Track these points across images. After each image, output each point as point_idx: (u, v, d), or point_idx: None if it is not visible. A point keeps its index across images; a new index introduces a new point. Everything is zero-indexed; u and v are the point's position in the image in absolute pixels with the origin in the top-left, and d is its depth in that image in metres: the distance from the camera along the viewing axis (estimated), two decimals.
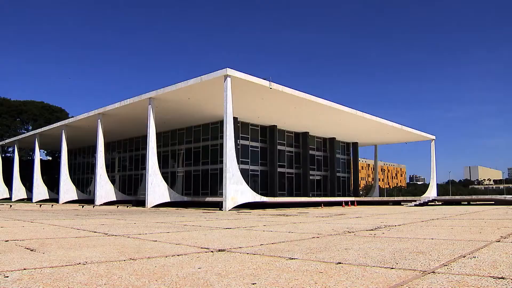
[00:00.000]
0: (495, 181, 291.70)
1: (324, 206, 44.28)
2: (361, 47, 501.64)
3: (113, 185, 52.65)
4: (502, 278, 4.76)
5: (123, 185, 65.00)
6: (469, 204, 48.01)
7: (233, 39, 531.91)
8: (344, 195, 65.68)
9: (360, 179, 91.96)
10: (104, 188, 48.54)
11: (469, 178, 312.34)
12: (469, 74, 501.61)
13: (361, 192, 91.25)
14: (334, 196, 61.79)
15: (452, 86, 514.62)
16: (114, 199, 49.33)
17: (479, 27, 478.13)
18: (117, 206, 42.46)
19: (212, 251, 7.51)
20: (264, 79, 36.33)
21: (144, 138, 47.17)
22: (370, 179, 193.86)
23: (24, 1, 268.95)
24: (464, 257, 6.45)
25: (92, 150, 69.07)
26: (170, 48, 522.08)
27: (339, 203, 48.75)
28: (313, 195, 60.13)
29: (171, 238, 10.18)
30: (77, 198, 56.76)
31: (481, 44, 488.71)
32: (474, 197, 61.01)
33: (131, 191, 62.79)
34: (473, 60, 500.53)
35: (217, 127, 49.08)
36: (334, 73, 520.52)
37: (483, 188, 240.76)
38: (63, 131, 56.96)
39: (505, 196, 56.57)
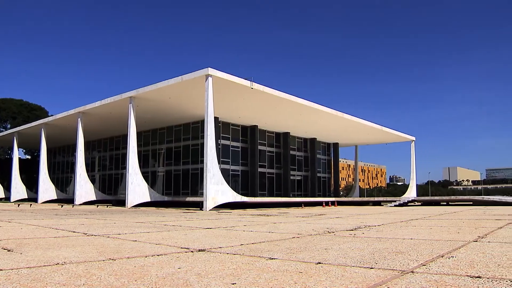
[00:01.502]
0: (474, 182, 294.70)
1: (304, 206, 44.40)
2: (343, 47, 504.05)
3: (93, 184, 52.29)
4: (479, 277, 4.81)
5: (103, 185, 64.53)
6: (448, 204, 48.45)
7: (216, 39, 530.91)
8: (324, 196, 65.92)
9: (340, 179, 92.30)
10: (84, 187, 48.18)
11: (448, 179, 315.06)
12: (450, 75, 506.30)
13: (341, 193, 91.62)
14: (314, 196, 61.98)
15: (432, 87, 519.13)
16: (94, 198, 48.99)
17: (459, 28, 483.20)
18: (97, 206, 42.16)
19: (192, 251, 7.48)
20: (246, 79, 36.36)
21: (124, 137, 46.90)
22: (350, 180, 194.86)
23: None
24: (442, 257, 6.51)
25: (72, 149, 68.47)
26: (152, 47, 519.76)
27: (319, 203, 48.91)
28: (294, 195, 60.26)
29: (151, 238, 10.13)
30: (56, 198, 56.24)
31: (462, 46, 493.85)
32: (453, 197, 61.56)
33: (111, 190, 62.36)
34: (454, 62, 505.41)
35: (198, 126, 48.96)
36: (316, 73, 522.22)
37: (461, 189, 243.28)
38: (42, 129, 56.45)
39: (483, 196, 57.16)
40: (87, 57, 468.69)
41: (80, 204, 46.19)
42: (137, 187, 40.29)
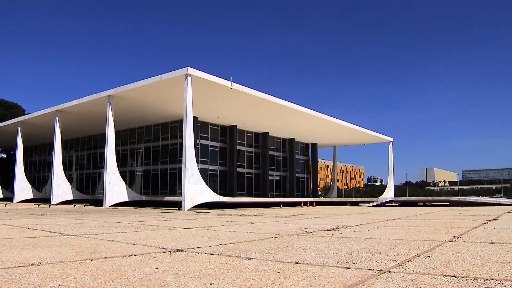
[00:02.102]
0: (450, 183, 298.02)
1: (283, 206, 44.49)
2: (324, 48, 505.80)
3: (70, 184, 51.80)
4: (454, 276, 4.86)
5: (81, 184, 63.91)
6: (425, 205, 48.88)
7: (196, 39, 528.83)
8: (303, 196, 66.07)
9: (319, 179, 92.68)
10: (61, 187, 47.72)
11: (425, 180, 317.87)
12: (427, 77, 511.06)
13: (320, 193, 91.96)
14: (293, 196, 62.12)
15: (409, 89, 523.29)
16: (71, 198, 48.55)
17: (439, 29, 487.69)
18: (74, 205, 41.78)
19: (170, 251, 7.46)
20: (225, 79, 36.33)
21: (102, 136, 46.54)
22: (329, 180, 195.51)
23: None
24: (418, 256, 6.57)
25: (49, 148, 67.64)
26: (132, 46, 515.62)
27: (298, 204, 49.04)
28: (272, 196, 60.32)
29: (128, 238, 10.08)
30: (32, 197, 55.65)
31: (441, 47, 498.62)
32: (430, 198, 62.13)
33: (88, 190, 61.80)
34: (431, 64, 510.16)
35: (176, 126, 48.78)
36: (296, 73, 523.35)
37: (438, 190, 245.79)
38: (19, 128, 55.76)
39: (459, 197, 57.76)
40: (65, 56, 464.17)
41: (57, 204, 45.74)
42: (115, 187, 40.02)
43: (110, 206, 38.71)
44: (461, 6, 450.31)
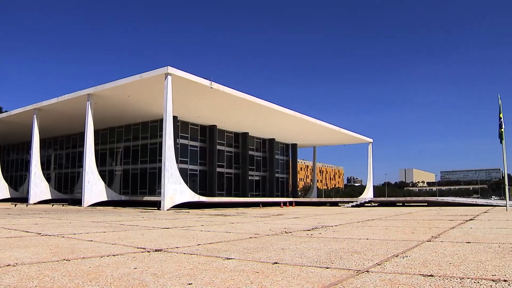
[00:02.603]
0: (429, 184, 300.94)
1: (262, 206, 44.54)
2: (305, 47, 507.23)
3: (49, 183, 51.31)
4: (431, 276, 4.91)
5: (59, 183, 63.32)
6: (403, 205, 49.28)
7: (178, 38, 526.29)
8: (282, 196, 66.26)
9: (298, 180, 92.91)
10: (39, 186, 47.22)
11: (404, 180, 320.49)
12: (406, 78, 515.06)
13: (299, 193, 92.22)
14: (272, 196, 62.25)
15: (389, 90, 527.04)
16: (49, 197, 48.06)
17: (419, 31, 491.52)
18: (52, 205, 41.40)
19: (148, 251, 7.42)
20: (206, 78, 36.30)
21: (81, 135, 46.06)
22: (308, 180, 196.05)
23: None
24: (397, 256, 6.62)
25: (26, 146, 66.81)
26: (113, 44, 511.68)
27: (277, 204, 49.13)
28: (252, 196, 60.38)
29: (107, 237, 10.00)
30: (9, 197, 54.88)
31: (421, 49, 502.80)
32: (408, 198, 62.73)
33: (67, 189, 61.24)
34: (411, 64, 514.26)
35: (156, 125, 48.60)
36: (276, 73, 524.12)
37: (417, 190, 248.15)
38: None
39: (437, 197, 58.35)
40: (44, 54, 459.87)
41: (35, 203, 45.26)
42: (94, 186, 39.72)
43: (89, 206, 38.42)
44: (443, 6, 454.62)
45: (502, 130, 27.73)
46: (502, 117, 27.85)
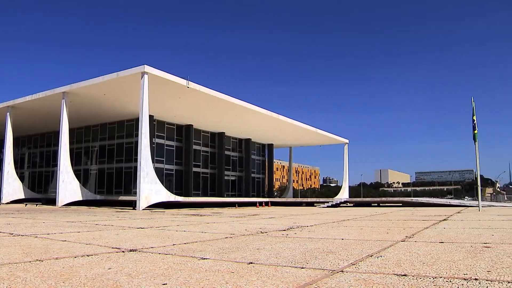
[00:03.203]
0: (404, 184, 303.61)
1: (238, 206, 44.51)
2: (282, 47, 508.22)
3: (22, 182, 50.61)
4: (405, 275, 4.95)
5: (33, 183, 62.53)
6: (379, 205, 49.60)
7: (156, 37, 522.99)
8: (258, 196, 66.33)
9: (275, 180, 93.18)
10: (12, 185, 46.57)
11: (379, 181, 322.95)
12: (382, 79, 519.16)
13: (275, 193, 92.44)
14: (248, 196, 62.27)
15: (365, 91, 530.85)
16: (23, 197, 47.44)
17: (393, 32, 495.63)
18: (26, 205, 40.90)
19: (123, 251, 7.36)
20: (182, 78, 36.20)
21: (56, 134, 45.57)
22: (284, 180, 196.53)
23: None
24: (371, 256, 6.66)
25: None
26: (89, 43, 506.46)
27: (253, 204, 49.13)
28: (228, 196, 60.34)
29: (81, 237, 9.90)
30: None
31: (396, 50, 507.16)
32: (383, 199, 63.17)
33: (41, 188, 60.50)
34: (386, 65, 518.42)
35: (132, 124, 48.31)
36: (253, 73, 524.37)
37: (392, 191, 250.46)
38: None
39: (412, 198, 58.88)
40: (18, 51, 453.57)
41: (8, 203, 44.65)
42: (68, 185, 39.31)
43: (63, 206, 38.03)
44: (417, 8, 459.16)
45: (476, 132, 28.11)
46: (475, 119, 28.24)
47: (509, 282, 4.54)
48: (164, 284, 4.55)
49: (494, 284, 4.48)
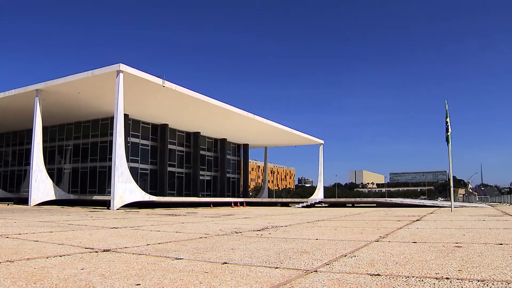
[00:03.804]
0: (378, 185, 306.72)
1: (213, 206, 44.41)
2: (257, 48, 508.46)
3: None
4: (378, 275, 5.00)
5: (5, 182, 61.58)
6: (353, 206, 49.88)
7: (133, 35, 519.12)
8: (233, 196, 66.28)
9: (250, 180, 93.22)
10: None
11: (354, 182, 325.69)
12: (359, 81, 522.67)
13: (250, 193, 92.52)
14: (224, 196, 62.20)
15: (341, 92, 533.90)
16: None
17: (368, 34, 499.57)
18: None
19: (96, 251, 7.29)
20: (158, 77, 36.06)
21: (29, 132, 44.96)
22: (260, 181, 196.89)
23: None
24: (345, 256, 6.70)
25: None
26: (65, 40, 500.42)
27: (228, 204, 49.07)
28: (203, 195, 60.25)
29: (54, 238, 9.78)
30: None
31: (373, 53, 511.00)
32: (358, 199, 63.58)
33: (13, 188, 59.63)
34: (362, 67, 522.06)
35: (107, 123, 47.90)
36: (229, 74, 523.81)
37: (367, 191, 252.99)
38: None
39: (386, 199, 59.44)
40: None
41: None
42: (41, 185, 38.80)
43: (36, 205, 37.53)
44: (390, 9, 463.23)
45: (449, 133, 28.46)
46: (449, 121, 28.60)
47: (478, 281, 4.61)
48: (137, 285, 4.52)
49: (464, 282, 4.54)
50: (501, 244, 8.31)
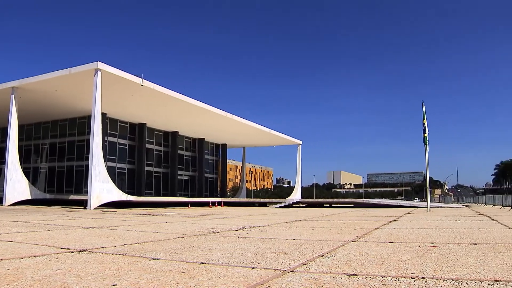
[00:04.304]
0: (356, 185, 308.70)
1: (191, 206, 44.30)
2: (237, 48, 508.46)
3: None
4: (355, 275, 5.03)
5: None
6: (331, 206, 50.09)
7: (110, 34, 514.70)
8: (211, 196, 66.19)
9: (228, 180, 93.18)
10: None
11: (332, 182, 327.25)
12: (337, 81, 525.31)
13: (228, 193, 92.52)
14: (201, 196, 62.13)
15: (319, 93, 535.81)
16: None
17: (348, 34, 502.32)
18: None
19: (72, 252, 7.23)
20: (136, 75, 35.86)
21: (4, 130, 44.39)
22: (238, 181, 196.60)
23: None
24: (322, 256, 6.73)
25: None
26: (42, 38, 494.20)
27: (206, 204, 48.98)
28: (181, 195, 60.06)
29: (29, 238, 9.66)
30: None
31: (350, 54, 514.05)
32: (336, 200, 63.87)
33: None
34: (341, 68, 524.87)
35: (84, 122, 47.52)
36: (207, 73, 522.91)
37: (344, 192, 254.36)
38: None
39: (363, 199, 59.89)
40: None
41: None
42: (16, 184, 38.31)
43: (11, 205, 37.03)
44: (375, 9, 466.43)
45: (426, 135, 28.80)
46: (426, 123, 28.94)
47: (453, 280, 4.67)
48: (114, 285, 4.49)
49: (439, 282, 4.60)
50: (475, 244, 8.43)
